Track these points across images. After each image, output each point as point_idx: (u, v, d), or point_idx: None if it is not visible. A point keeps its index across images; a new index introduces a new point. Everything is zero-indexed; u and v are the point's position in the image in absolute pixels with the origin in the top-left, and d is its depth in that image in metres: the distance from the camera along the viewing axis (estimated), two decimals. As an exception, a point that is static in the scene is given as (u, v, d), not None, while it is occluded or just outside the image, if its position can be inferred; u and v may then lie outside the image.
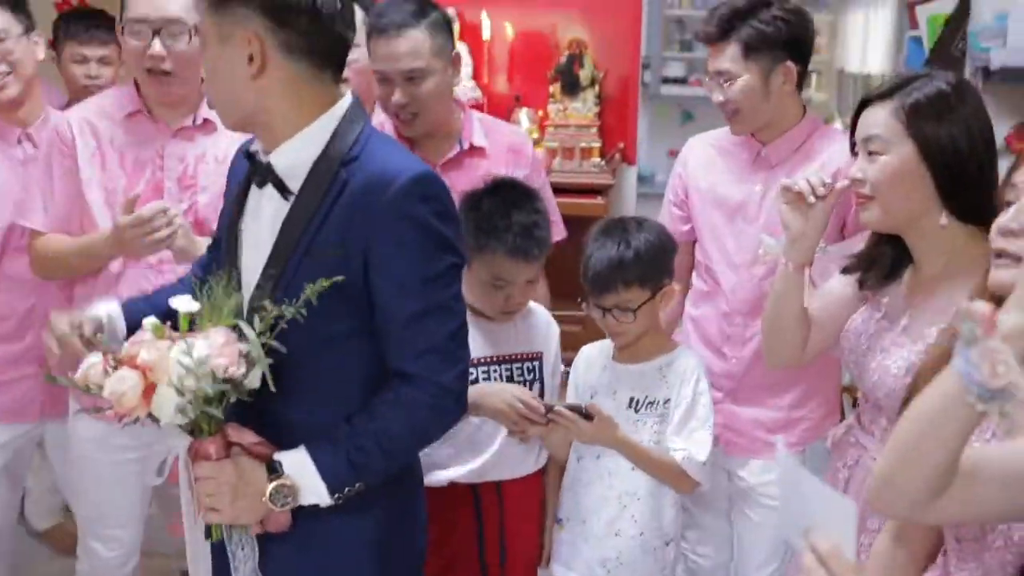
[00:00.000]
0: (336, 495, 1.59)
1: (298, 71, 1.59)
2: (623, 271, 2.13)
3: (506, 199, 2.16)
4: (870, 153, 1.81)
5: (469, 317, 2.14)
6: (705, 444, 2.15)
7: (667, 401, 2.19)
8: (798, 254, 1.91)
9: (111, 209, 2.27)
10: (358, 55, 2.58)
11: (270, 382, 1.54)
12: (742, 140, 2.42)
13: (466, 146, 2.44)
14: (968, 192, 1.76)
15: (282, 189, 1.62)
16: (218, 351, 1.51)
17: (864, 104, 1.84)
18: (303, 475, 1.58)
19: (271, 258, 1.63)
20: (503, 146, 2.49)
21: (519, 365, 2.24)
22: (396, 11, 2.33)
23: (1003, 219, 1.36)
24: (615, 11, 3.48)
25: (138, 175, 2.32)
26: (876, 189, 1.80)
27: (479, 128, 2.47)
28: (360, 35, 2.52)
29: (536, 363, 2.26)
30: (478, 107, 3.32)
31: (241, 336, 1.55)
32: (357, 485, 1.61)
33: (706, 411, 2.18)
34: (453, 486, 2.19)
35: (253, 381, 1.56)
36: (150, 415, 1.53)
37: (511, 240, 2.10)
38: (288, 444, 1.61)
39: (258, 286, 1.62)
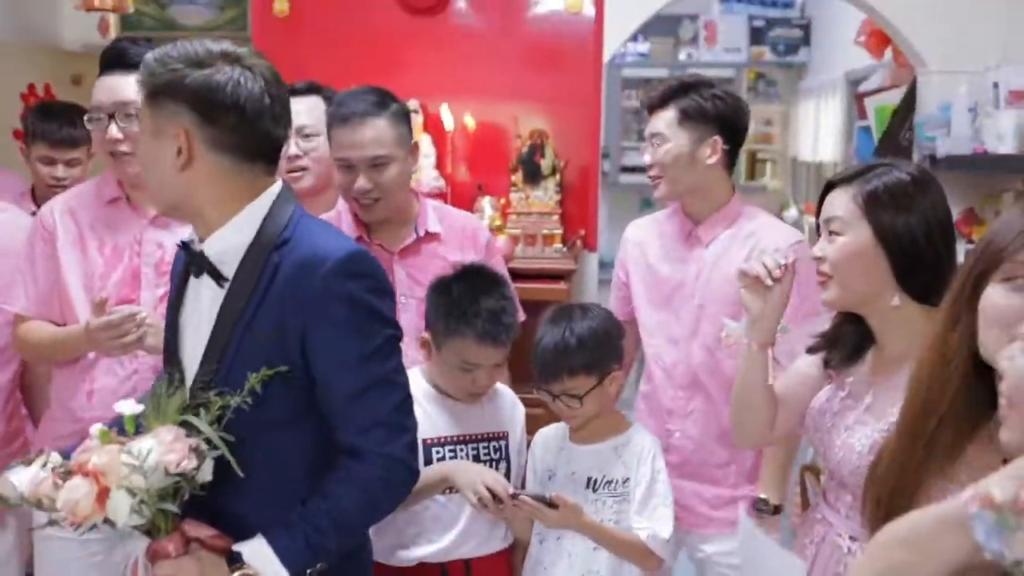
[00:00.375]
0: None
1: (225, 164, 1.64)
2: (568, 359, 2.18)
3: (475, 285, 2.21)
4: (831, 233, 1.88)
5: (436, 397, 2.18)
6: (667, 521, 2.18)
7: (625, 480, 2.22)
8: (760, 334, 1.96)
9: (88, 294, 2.30)
10: (317, 143, 2.67)
11: (235, 467, 1.56)
12: (677, 221, 2.57)
13: (422, 232, 2.51)
14: (924, 275, 1.82)
15: (216, 276, 1.66)
16: (168, 447, 1.53)
17: (830, 187, 1.92)
18: (264, 562, 1.60)
19: (209, 347, 1.66)
20: (457, 231, 2.56)
21: (485, 444, 2.27)
22: (358, 101, 2.41)
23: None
24: (575, 103, 3.57)
25: (116, 261, 2.35)
26: (835, 268, 1.86)
27: (433, 215, 2.54)
28: (321, 124, 2.60)
29: (502, 443, 2.29)
30: (442, 196, 3.37)
31: (189, 431, 1.57)
32: (318, 565, 1.63)
33: (665, 488, 2.22)
34: (421, 566, 2.18)
35: (205, 474, 1.58)
36: (107, 520, 1.54)
37: (480, 325, 2.14)
38: (241, 535, 1.62)
39: (198, 377, 1.64)
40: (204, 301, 1.70)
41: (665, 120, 2.49)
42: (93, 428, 1.60)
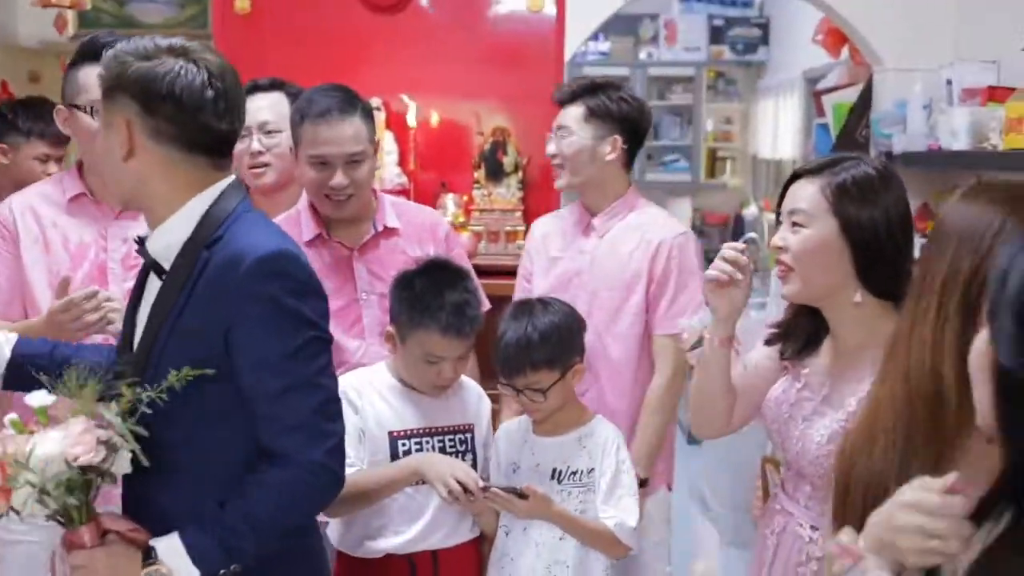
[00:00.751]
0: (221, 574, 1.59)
1: (168, 155, 1.65)
2: (530, 353, 2.21)
3: (438, 278, 2.22)
4: (794, 224, 1.88)
5: (401, 390, 2.19)
6: (633, 510, 2.21)
7: (590, 471, 2.25)
8: (723, 331, 1.98)
9: (55, 292, 2.26)
10: (279, 140, 2.66)
11: (142, 459, 1.55)
12: (577, 213, 2.75)
13: (380, 228, 2.53)
14: (883, 271, 1.84)
15: (159, 272, 1.68)
16: (74, 440, 1.52)
17: (795, 178, 1.93)
18: (176, 560, 1.59)
19: (141, 341, 1.67)
20: (416, 225, 2.59)
21: (451, 437, 2.28)
22: (331, 98, 2.43)
23: None
24: (537, 101, 3.57)
25: (81, 257, 2.34)
26: (797, 260, 1.86)
27: (391, 210, 2.57)
28: (283, 121, 2.60)
29: (468, 435, 2.31)
30: (404, 193, 3.37)
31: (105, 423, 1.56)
32: (232, 567, 1.62)
33: (630, 478, 2.25)
34: (388, 557, 2.20)
35: (122, 466, 1.58)
36: (13, 509, 1.53)
37: (444, 318, 2.16)
38: (166, 530, 1.61)
39: (119, 371, 1.64)
40: (151, 295, 1.71)
41: (573, 115, 2.67)
42: (7, 418, 1.59)
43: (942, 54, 3.69)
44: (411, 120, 3.45)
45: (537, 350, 2.21)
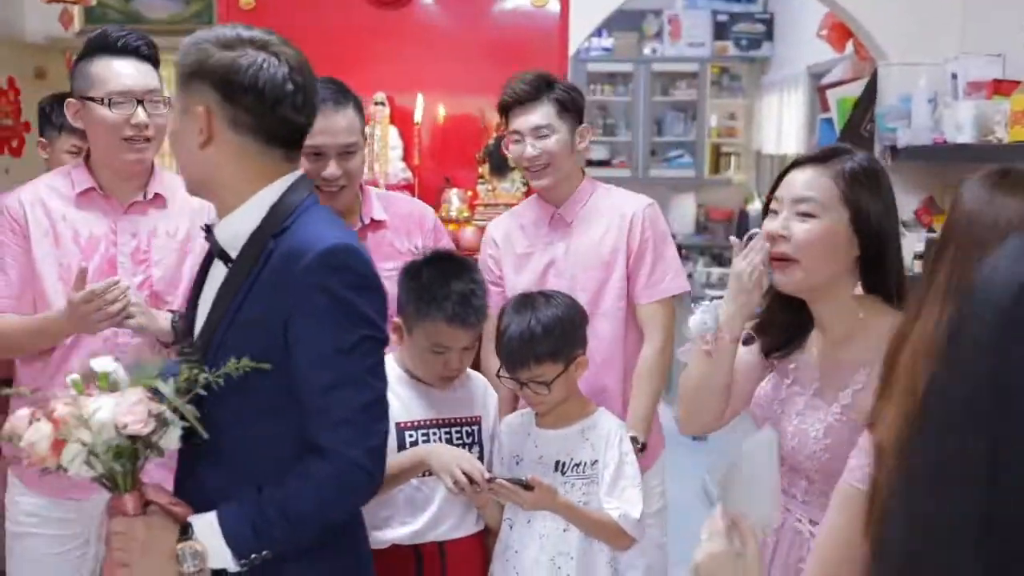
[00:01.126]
0: (242, 561, 1.60)
1: (244, 145, 1.67)
2: (534, 347, 2.21)
3: (445, 269, 2.23)
4: (799, 214, 1.81)
5: (408, 381, 2.20)
6: (637, 502, 2.22)
7: (594, 463, 2.26)
8: (735, 328, 1.93)
9: (65, 286, 2.27)
10: None
11: (201, 432, 1.57)
12: (537, 209, 2.77)
13: (367, 221, 2.56)
14: (884, 263, 1.83)
15: (225, 259, 1.70)
16: (127, 409, 1.55)
17: (793, 166, 1.87)
18: (210, 538, 1.61)
19: (203, 327, 1.70)
20: (403, 217, 2.62)
21: (458, 429, 2.30)
22: (324, 90, 2.42)
23: None
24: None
25: (92, 251, 2.35)
26: (801, 251, 1.81)
27: (378, 203, 2.61)
28: None
29: (475, 427, 2.33)
30: (409, 188, 3.37)
31: (162, 399, 1.59)
32: (264, 553, 1.62)
33: (633, 469, 2.26)
34: (395, 548, 2.21)
35: (170, 442, 1.60)
36: (60, 466, 1.57)
37: (450, 308, 2.17)
38: (205, 509, 1.64)
39: (182, 352, 1.68)
40: (216, 282, 1.74)
41: (545, 113, 2.66)
42: (69, 378, 1.62)
43: (947, 48, 3.69)
44: (417, 115, 3.45)
45: (541, 343, 2.22)
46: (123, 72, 2.32)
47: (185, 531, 1.62)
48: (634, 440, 2.51)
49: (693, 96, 8.05)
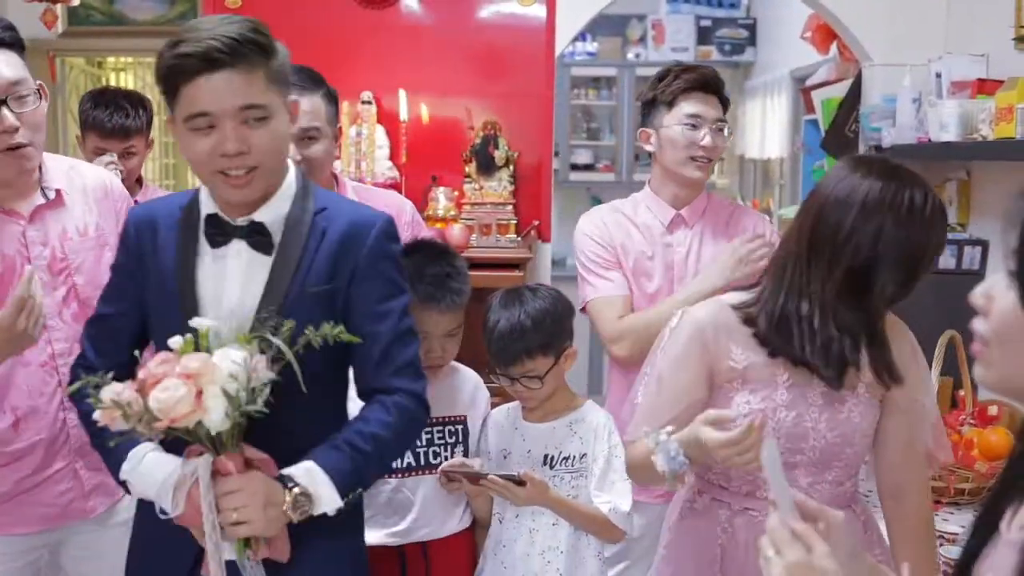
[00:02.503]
0: (345, 499, 1.72)
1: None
2: (525, 342, 2.20)
3: (421, 256, 2.23)
4: None
5: None
6: (627, 494, 2.21)
7: (582, 456, 2.24)
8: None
9: None
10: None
11: (300, 381, 1.64)
12: (657, 208, 2.61)
13: None
14: None
15: (263, 243, 1.78)
16: (250, 362, 1.63)
17: None
18: (316, 484, 1.69)
19: (264, 300, 1.76)
20: (379, 208, 2.56)
21: (440, 428, 2.28)
22: (294, 76, 2.41)
23: None
24: (527, 96, 3.60)
25: (10, 273, 2.10)
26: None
27: (353, 195, 2.59)
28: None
29: (459, 427, 2.31)
30: (395, 187, 3.37)
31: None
32: (358, 490, 1.78)
33: (621, 463, 2.24)
34: (378, 548, 2.19)
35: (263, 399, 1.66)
36: (187, 430, 1.62)
37: (423, 290, 2.17)
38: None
39: (259, 320, 1.71)
40: (238, 264, 1.79)
41: (715, 106, 2.56)
42: (174, 340, 1.65)
43: (930, 49, 3.70)
44: (402, 114, 3.45)
45: (531, 337, 2.21)
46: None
47: (283, 482, 1.67)
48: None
49: (677, 101, 8.05)
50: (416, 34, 3.61)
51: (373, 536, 2.21)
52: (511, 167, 3.49)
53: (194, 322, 1.67)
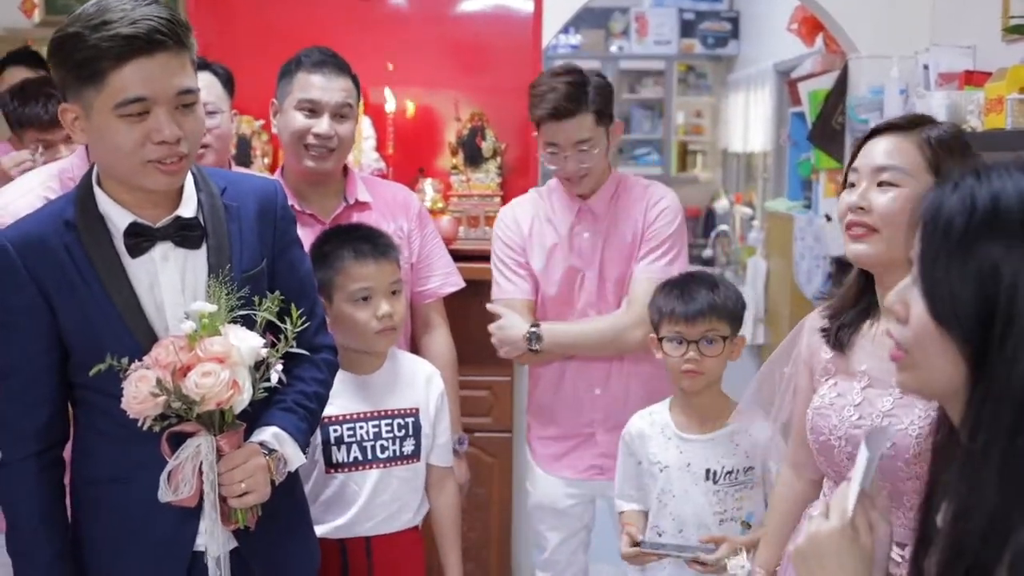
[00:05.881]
0: (303, 454, 1.83)
1: None
2: (717, 305, 2.22)
3: (345, 231, 2.31)
4: (880, 184, 1.72)
5: (341, 375, 2.13)
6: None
7: (747, 469, 2.21)
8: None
9: None
10: (219, 120, 2.58)
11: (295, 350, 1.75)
12: (563, 200, 2.65)
13: (351, 201, 2.56)
14: None
15: (192, 239, 1.73)
16: (254, 339, 1.68)
17: (874, 134, 1.77)
18: (286, 446, 1.77)
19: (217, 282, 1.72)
20: (388, 200, 2.60)
21: (389, 421, 2.24)
22: (326, 55, 2.50)
23: None
24: (513, 88, 3.56)
25: None
26: (885, 220, 1.70)
27: (362, 185, 2.60)
28: (221, 102, 2.55)
29: (410, 419, 2.26)
30: (382, 177, 3.34)
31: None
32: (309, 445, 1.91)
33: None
34: (322, 541, 2.14)
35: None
36: (199, 415, 1.64)
37: (354, 245, 2.22)
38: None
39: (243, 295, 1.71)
40: (167, 267, 1.71)
41: (587, 126, 2.52)
42: (186, 325, 1.64)
43: (917, 40, 3.71)
44: (389, 106, 3.42)
45: (724, 302, 2.23)
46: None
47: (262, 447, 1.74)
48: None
49: (660, 94, 8.07)
50: (402, 25, 3.57)
51: (316, 529, 2.18)
52: (499, 159, 3.46)
53: (192, 307, 1.64)
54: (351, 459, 2.21)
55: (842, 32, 3.96)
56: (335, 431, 2.20)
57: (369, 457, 2.22)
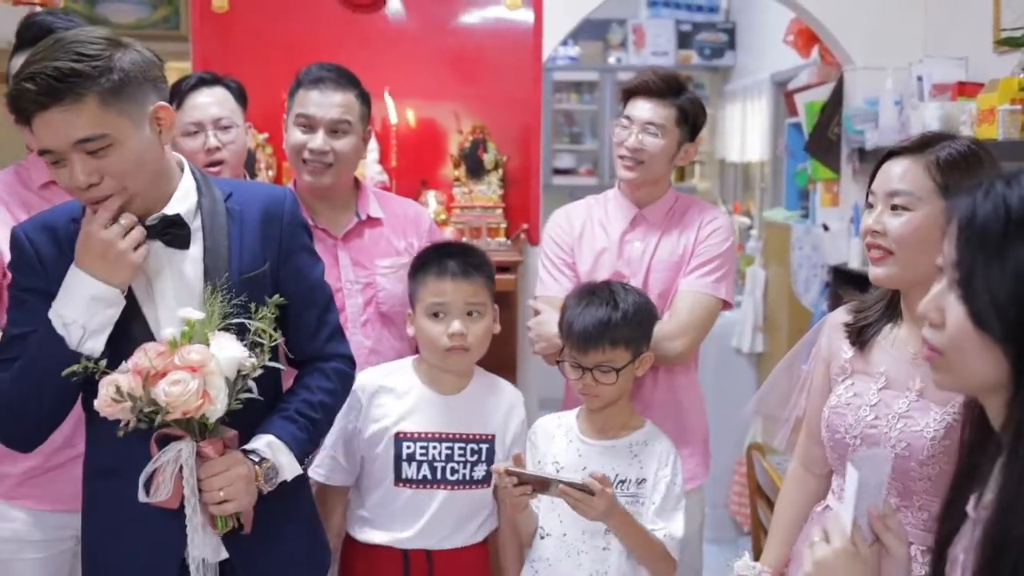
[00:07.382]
0: (303, 465, 1.84)
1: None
2: (611, 331, 2.16)
3: (443, 248, 2.31)
4: (894, 207, 1.77)
5: (420, 391, 2.20)
6: (681, 522, 2.17)
7: (640, 481, 2.18)
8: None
9: None
10: (234, 135, 2.62)
11: (284, 361, 1.85)
12: (620, 206, 2.66)
13: (364, 217, 2.57)
14: None
15: (180, 237, 1.75)
16: (238, 348, 1.69)
17: (888, 156, 1.82)
18: (279, 455, 1.77)
19: (209, 288, 1.75)
20: (399, 216, 2.63)
21: (462, 445, 2.22)
22: (330, 71, 2.52)
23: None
24: (515, 99, 3.62)
25: None
26: (899, 244, 1.76)
27: (374, 201, 2.62)
28: (236, 116, 2.59)
29: (485, 446, 2.24)
30: (385, 190, 3.38)
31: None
32: (310, 454, 1.92)
33: (680, 490, 2.20)
34: (385, 548, 2.18)
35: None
36: (184, 420, 1.65)
37: (441, 261, 2.23)
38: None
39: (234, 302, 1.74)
40: (158, 264, 1.76)
41: (663, 115, 2.57)
42: (167, 332, 1.67)
43: (910, 52, 3.76)
44: (391, 118, 3.46)
45: (620, 327, 2.17)
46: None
47: (249, 456, 1.75)
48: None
49: (657, 105, 8.08)
50: (403, 38, 3.62)
51: (378, 536, 2.21)
52: (500, 171, 3.50)
53: (181, 313, 1.68)
54: (420, 477, 2.20)
55: (837, 44, 4.01)
56: (408, 447, 2.20)
57: (438, 478, 2.21)
